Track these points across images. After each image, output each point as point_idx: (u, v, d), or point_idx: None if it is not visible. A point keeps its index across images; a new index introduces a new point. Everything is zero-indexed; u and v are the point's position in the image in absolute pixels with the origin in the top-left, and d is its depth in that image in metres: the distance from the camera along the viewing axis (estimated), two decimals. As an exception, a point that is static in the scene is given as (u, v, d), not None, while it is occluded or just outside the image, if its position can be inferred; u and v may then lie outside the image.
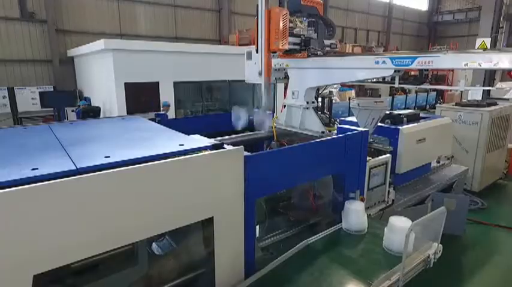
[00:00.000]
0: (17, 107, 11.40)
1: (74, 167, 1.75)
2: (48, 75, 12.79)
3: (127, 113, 8.68)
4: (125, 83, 8.86)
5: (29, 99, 11.58)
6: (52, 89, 12.06)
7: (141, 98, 9.10)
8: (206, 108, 10.84)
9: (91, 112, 9.13)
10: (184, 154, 2.07)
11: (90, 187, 1.72)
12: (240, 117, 4.20)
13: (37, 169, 1.72)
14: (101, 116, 9.40)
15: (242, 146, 2.30)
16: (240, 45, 14.99)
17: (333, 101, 14.97)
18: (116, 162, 1.84)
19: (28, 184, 1.57)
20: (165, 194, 1.99)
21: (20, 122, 11.27)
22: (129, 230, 1.90)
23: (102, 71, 9.57)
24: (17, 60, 12.11)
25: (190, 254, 2.57)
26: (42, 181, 1.61)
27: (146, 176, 1.89)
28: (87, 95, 11.44)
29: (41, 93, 11.15)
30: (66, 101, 11.02)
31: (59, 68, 12.67)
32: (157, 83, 9.48)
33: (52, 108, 11.22)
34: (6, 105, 11.28)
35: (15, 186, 1.55)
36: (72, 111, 10.81)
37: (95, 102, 10.55)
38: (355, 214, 3.05)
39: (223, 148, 2.24)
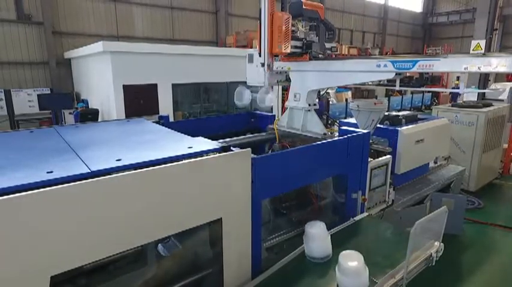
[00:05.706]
0: (13, 109, 11.33)
1: (88, 170, 1.78)
2: (45, 77, 12.74)
3: (125, 115, 8.67)
4: (123, 85, 8.86)
5: (25, 101, 11.49)
6: (49, 92, 12.00)
7: (139, 100, 9.10)
8: (204, 110, 10.86)
9: (89, 114, 9.11)
10: (194, 156, 2.11)
11: (104, 189, 1.75)
12: (242, 95, 4.36)
13: (52, 172, 1.75)
14: (99, 118, 9.40)
15: (249, 148, 2.34)
16: (237, 46, 15.06)
17: (330, 102, 14.96)
18: (129, 164, 1.88)
19: (45, 187, 1.61)
20: (177, 196, 2.03)
21: (17, 124, 11.21)
22: (142, 231, 1.93)
23: (100, 73, 9.56)
24: (13, 63, 12.05)
25: (197, 254, 2.61)
26: (58, 184, 1.64)
27: (159, 179, 1.93)
28: (84, 98, 11.41)
29: (39, 96, 11.10)
30: (63, 104, 10.96)
31: (55, 70, 12.63)
32: (156, 85, 9.49)
33: (49, 111, 11.17)
34: (3, 108, 11.21)
35: (32, 189, 1.58)
36: (70, 113, 10.76)
37: (92, 105, 10.52)
38: (318, 239, 2.68)
39: (231, 150, 2.28)
